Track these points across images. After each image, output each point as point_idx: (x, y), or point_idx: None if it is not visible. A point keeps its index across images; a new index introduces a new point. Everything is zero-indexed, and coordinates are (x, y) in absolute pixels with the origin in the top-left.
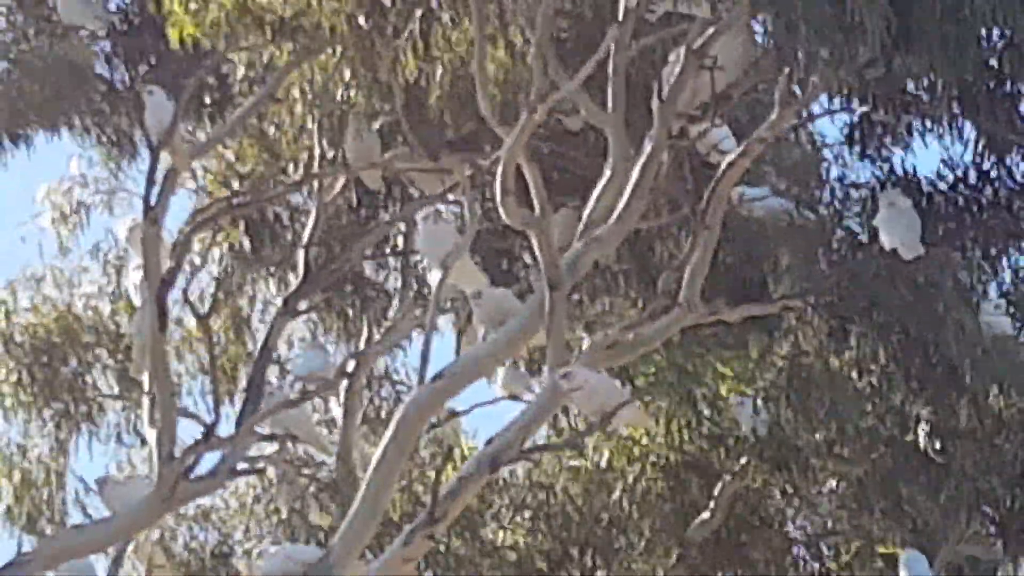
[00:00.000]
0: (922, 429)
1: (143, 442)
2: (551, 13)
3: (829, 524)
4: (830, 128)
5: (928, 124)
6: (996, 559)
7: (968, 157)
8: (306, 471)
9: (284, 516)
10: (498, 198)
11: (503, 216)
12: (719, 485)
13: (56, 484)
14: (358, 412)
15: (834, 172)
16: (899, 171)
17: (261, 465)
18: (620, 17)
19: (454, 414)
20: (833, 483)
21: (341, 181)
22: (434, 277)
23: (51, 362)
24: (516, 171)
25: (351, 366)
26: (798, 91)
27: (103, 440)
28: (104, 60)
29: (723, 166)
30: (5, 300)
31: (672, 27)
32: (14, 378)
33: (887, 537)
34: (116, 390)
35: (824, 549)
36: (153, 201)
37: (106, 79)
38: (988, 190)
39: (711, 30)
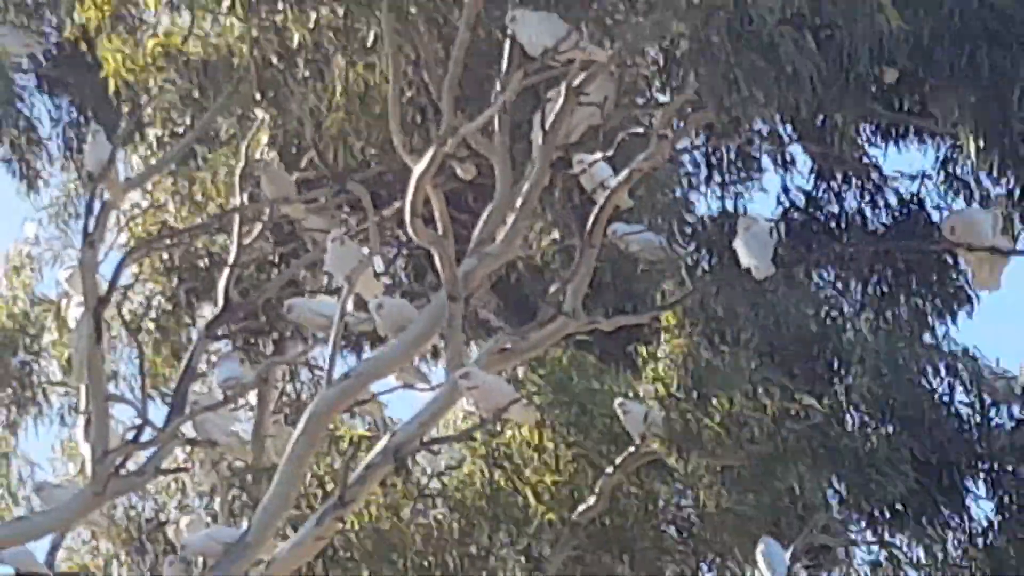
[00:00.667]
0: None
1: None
2: (462, 56)
3: (705, 507)
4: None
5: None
6: (845, 545)
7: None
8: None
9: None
10: (407, 219)
11: (412, 234)
12: (603, 476)
13: (5, 462)
14: (269, 404)
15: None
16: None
17: (185, 466)
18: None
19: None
20: (707, 473)
21: (258, 226)
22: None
23: (1, 353)
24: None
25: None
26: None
27: (48, 422)
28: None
29: (606, 194)
30: None
31: (553, 69)
32: None
33: (755, 520)
34: (59, 377)
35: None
36: (91, 228)
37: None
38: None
39: (588, 71)
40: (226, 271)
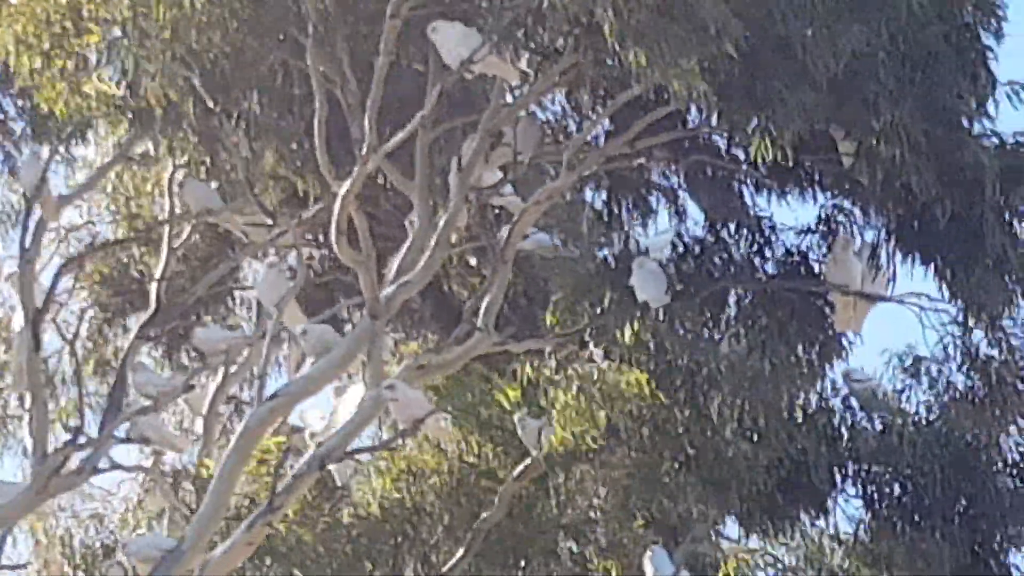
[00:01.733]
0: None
1: None
2: (382, 78)
3: (592, 515)
4: None
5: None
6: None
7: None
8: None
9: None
10: (332, 237)
11: (337, 253)
12: (502, 487)
13: None
14: (215, 428)
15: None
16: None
17: (120, 463)
18: (427, 102)
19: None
20: (599, 486)
21: (187, 229)
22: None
23: None
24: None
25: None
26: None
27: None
28: None
29: (516, 215)
30: None
31: (469, 115)
32: None
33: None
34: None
35: (587, 537)
36: (27, 244)
37: None
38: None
39: (502, 113)
40: (157, 274)
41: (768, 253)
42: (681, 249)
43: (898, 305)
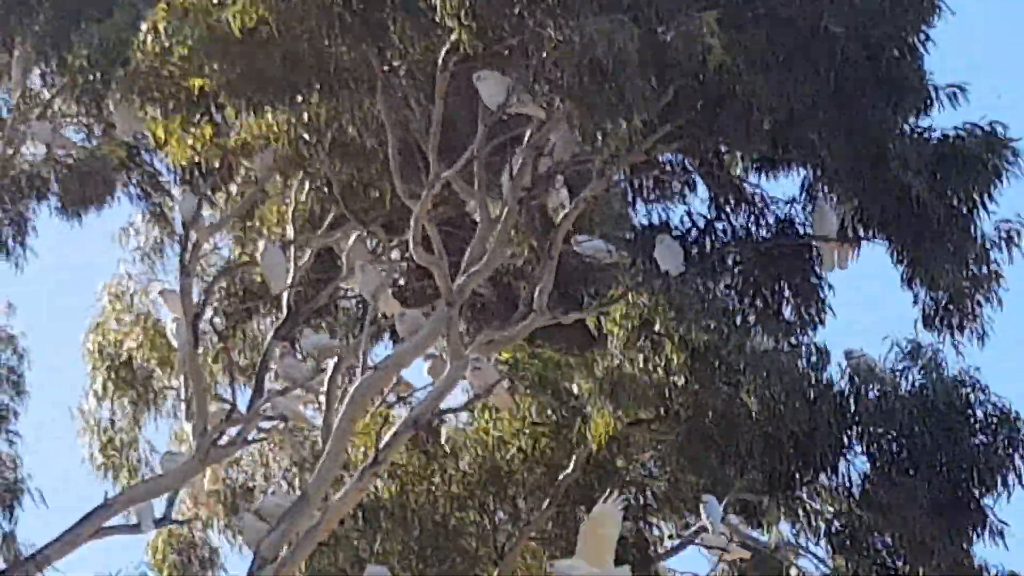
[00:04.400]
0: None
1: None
2: (439, 120)
3: (654, 473)
4: None
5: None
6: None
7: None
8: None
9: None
10: (411, 246)
11: (415, 258)
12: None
13: (132, 447)
14: (336, 401)
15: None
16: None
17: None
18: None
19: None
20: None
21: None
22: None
23: (130, 364)
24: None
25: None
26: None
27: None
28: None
29: (559, 218)
30: (101, 322)
31: (516, 129)
32: (105, 376)
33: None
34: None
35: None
36: (186, 260)
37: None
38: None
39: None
40: (286, 288)
41: (762, 221)
42: (690, 224)
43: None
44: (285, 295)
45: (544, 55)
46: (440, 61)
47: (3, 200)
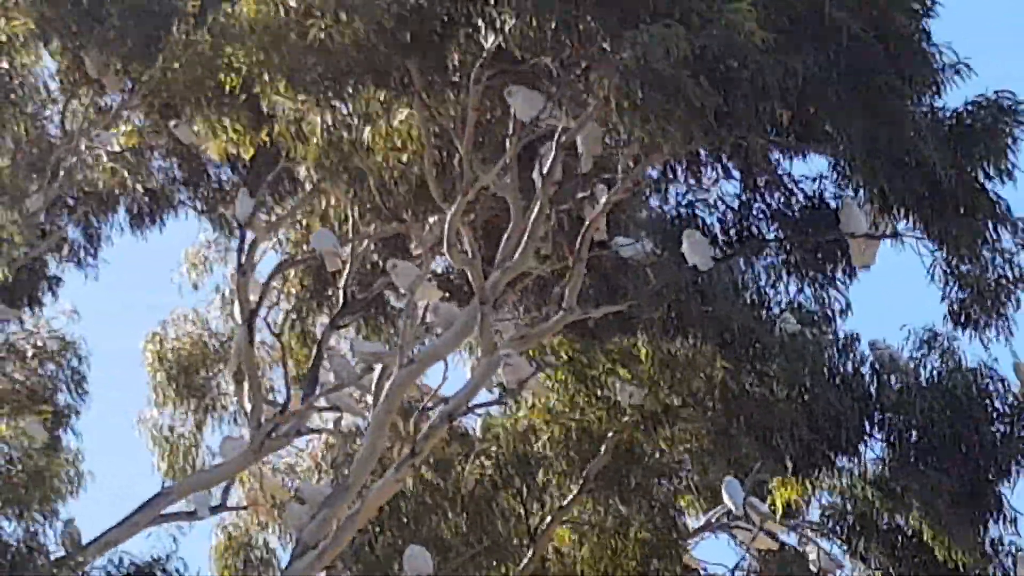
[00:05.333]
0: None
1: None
2: (472, 129)
3: (679, 460)
4: None
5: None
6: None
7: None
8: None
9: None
10: (446, 248)
11: (449, 259)
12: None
13: (194, 453)
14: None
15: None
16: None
17: (316, 427)
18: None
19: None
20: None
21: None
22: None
23: (189, 372)
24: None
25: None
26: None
27: (224, 422)
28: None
29: (587, 222)
30: (159, 333)
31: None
32: (166, 383)
33: (717, 467)
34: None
35: (677, 476)
36: (243, 260)
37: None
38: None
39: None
40: (344, 277)
41: (793, 200)
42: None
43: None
44: (341, 287)
45: (584, 67)
46: (474, 75)
47: (75, 212)
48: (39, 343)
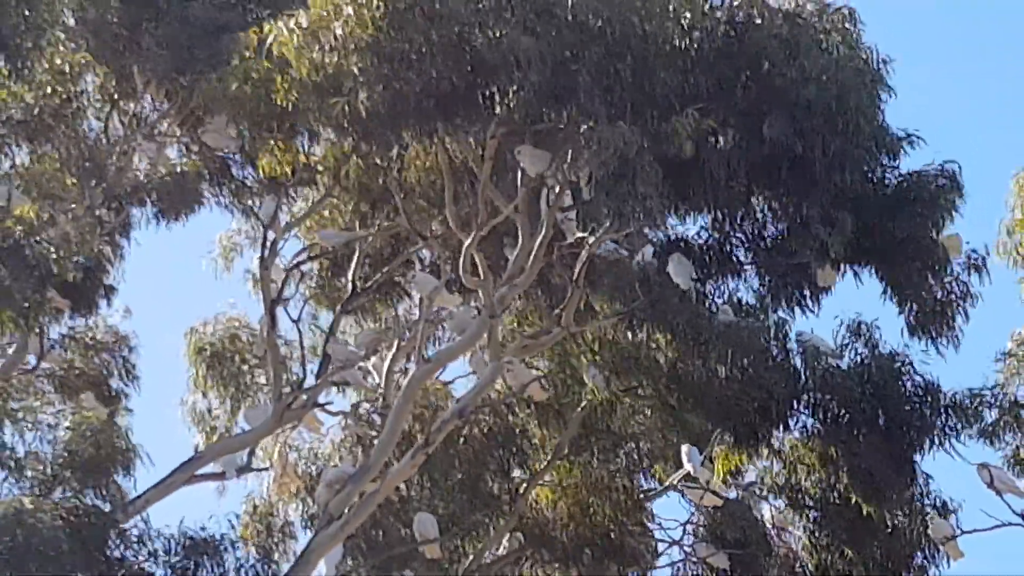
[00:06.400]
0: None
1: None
2: (488, 175)
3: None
4: None
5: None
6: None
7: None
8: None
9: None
10: (460, 272)
11: (464, 283)
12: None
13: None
14: (392, 384)
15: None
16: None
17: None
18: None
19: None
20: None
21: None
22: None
23: (224, 362)
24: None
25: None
26: None
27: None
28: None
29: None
30: (197, 329)
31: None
32: (204, 371)
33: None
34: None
35: (637, 445)
36: (265, 254)
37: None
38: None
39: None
40: (352, 267)
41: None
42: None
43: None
44: (350, 278)
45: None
46: (489, 133)
47: (112, 208)
48: (97, 337)
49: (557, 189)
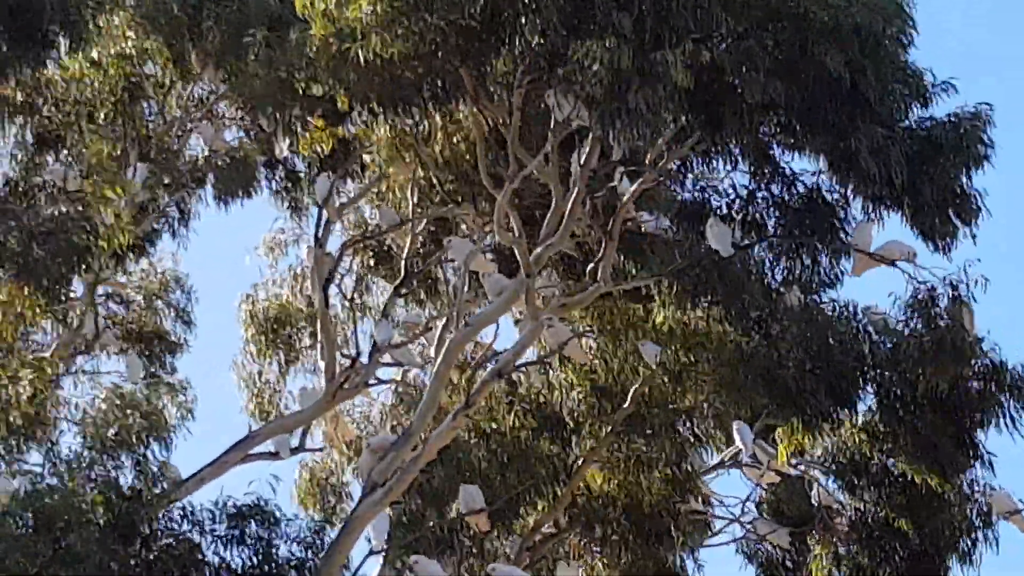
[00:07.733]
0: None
1: None
2: (517, 128)
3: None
4: None
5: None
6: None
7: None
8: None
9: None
10: (495, 228)
11: (498, 239)
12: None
13: (278, 396)
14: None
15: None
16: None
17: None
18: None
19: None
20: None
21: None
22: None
23: (276, 328)
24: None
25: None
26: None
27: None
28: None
29: (619, 207)
30: (252, 295)
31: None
32: (258, 337)
33: (731, 413)
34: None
35: (691, 421)
36: (320, 234)
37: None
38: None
39: None
40: (404, 253)
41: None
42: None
43: None
44: (402, 261)
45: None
46: (516, 81)
47: (171, 188)
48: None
49: (588, 148)
